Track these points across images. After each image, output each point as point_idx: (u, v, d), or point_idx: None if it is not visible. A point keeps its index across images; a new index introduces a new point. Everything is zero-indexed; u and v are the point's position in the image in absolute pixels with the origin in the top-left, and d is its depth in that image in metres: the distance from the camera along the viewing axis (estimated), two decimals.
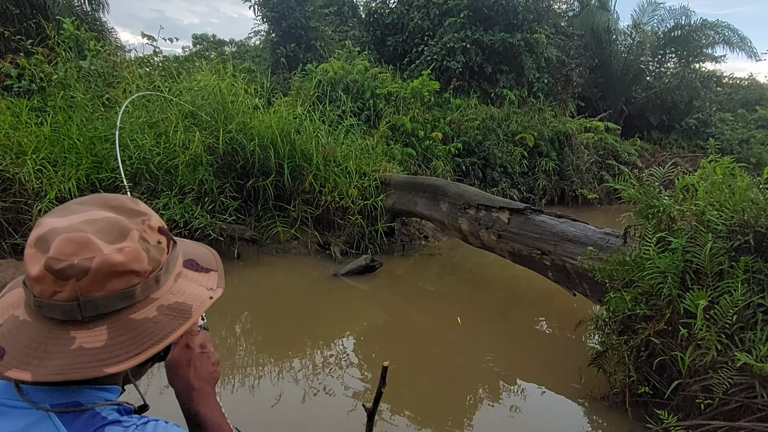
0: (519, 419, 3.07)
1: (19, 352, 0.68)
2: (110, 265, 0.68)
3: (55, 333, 0.68)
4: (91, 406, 0.71)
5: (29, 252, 0.69)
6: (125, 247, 0.69)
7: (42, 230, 0.69)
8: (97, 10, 10.16)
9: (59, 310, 0.68)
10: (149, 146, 5.66)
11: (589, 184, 11.05)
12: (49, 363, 0.66)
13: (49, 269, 0.66)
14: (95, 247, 0.67)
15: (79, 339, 0.68)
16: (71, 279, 0.66)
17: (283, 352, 3.73)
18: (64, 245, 0.66)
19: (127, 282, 0.70)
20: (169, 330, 0.72)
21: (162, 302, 0.74)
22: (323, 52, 12.09)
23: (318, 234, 6.30)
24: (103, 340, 0.68)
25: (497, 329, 4.45)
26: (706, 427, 2.35)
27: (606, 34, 14.30)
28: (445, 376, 3.55)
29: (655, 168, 3.33)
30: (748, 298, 2.46)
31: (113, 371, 0.67)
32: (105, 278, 0.68)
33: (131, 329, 0.70)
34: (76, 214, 0.71)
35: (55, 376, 0.66)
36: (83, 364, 0.66)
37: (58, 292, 0.67)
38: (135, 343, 0.69)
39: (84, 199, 0.76)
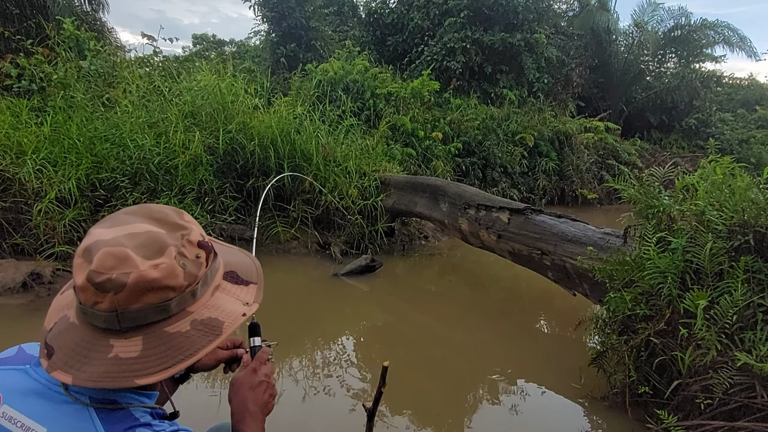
0: (519, 419, 3.07)
1: (65, 354, 0.73)
2: (146, 281, 0.71)
3: (96, 339, 0.73)
4: (126, 406, 0.75)
5: (77, 261, 0.73)
6: (161, 264, 0.73)
7: (89, 241, 0.74)
8: (97, 10, 10.16)
9: (100, 319, 0.72)
10: (149, 146, 5.66)
11: (589, 184, 11.06)
12: (88, 368, 0.71)
13: (90, 281, 0.71)
14: (132, 263, 0.71)
15: (116, 348, 0.72)
16: (110, 292, 0.70)
17: (283, 352, 3.73)
18: (104, 259, 0.71)
19: (163, 296, 0.74)
20: (199, 346, 0.76)
21: (196, 317, 0.77)
22: (323, 52, 12.10)
23: (318, 234, 6.30)
24: (137, 351, 0.72)
25: (497, 329, 4.45)
26: (706, 427, 2.35)
27: (606, 34, 14.30)
28: (445, 376, 3.55)
29: (655, 168, 3.33)
30: (748, 298, 2.46)
31: (144, 383, 0.71)
32: (141, 293, 0.71)
33: (164, 342, 0.74)
34: (121, 226, 0.75)
35: (91, 383, 0.71)
36: (117, 374, 0.71)
37: (98, 302, 0.72)
38: (166, 356, 0.73)
39: (133, 209, 0.81)
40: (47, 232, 4.96)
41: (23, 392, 0.77)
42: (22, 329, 3.88)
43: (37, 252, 4.94)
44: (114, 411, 0.74)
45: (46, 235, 4.95)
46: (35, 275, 4.50)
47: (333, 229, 6.52)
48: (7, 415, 0.76)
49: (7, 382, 0.79)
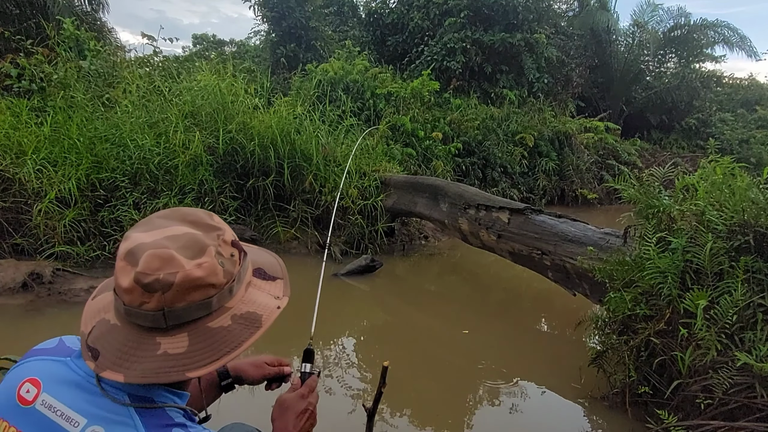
0: (519, 419, 3.07)
1: (112, 354, 0.75)
2: (191, 279, 0.75)
3: (142, 339, 0.76)
4: (162, 405, 0.78)
5: (120, 265, 0.76)
6: (204, 263, 0.77)
7: (131, 244, 0.76)
8: (97, 10, 10.16)
9: (146, 319, 0.75)
10: (149, 146, 5.66)
11: (589, 184, 11.06)
12: (138, 366, 0.74)
13: (138, 282, 0.73)
14: (178, 263, 0.74)
15: (164, 345, 0.75)
16: (157, 292, 0.73)
17: (283, 352, 3.73)
18: (150, 261, 0.74)
19: (205, 293, 0.77)
20: (242, 339, 0.80)
21: (235, 311, 0.81)
22: (323, 52, 12.10)
23: (318, 234, 6.30)
24: (184, 346, 0.76)
25: (497, 329, 4.45)
26: (706, 427, 2.35)
27: (606, 34, 14.30)
28: (445, 375, 3.55)
29: (655, 168, 3.33)
30: (748, 298, 2.46)
31: (195, 375, 0.75)
32: (186, 291, 0.75)
33: (208, 337, 0.77)
34: (159, 229, 0.79)
35: (144, 379, 0.73)
36: (169, 368, 0.74)
37: (145, 302, 0.74)
38: (213, 350, 0.77)
39: (165, 212, 0.84)
40: (47, 232, 4.96)
41: (63, 382, 0.79)
42: (22, 329, 3.88)
43: (37, 252, 4.94)
44: (151, 410, 0.76)
45: (46, 235, 4.95)
46: (35, 275, 4.50)
47: (333, 229, 6.52)
48: (46, 404, 0.78)
49: (47, 371, 0.81)
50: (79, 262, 4.97)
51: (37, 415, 0.77)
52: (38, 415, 0.77)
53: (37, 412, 0.77)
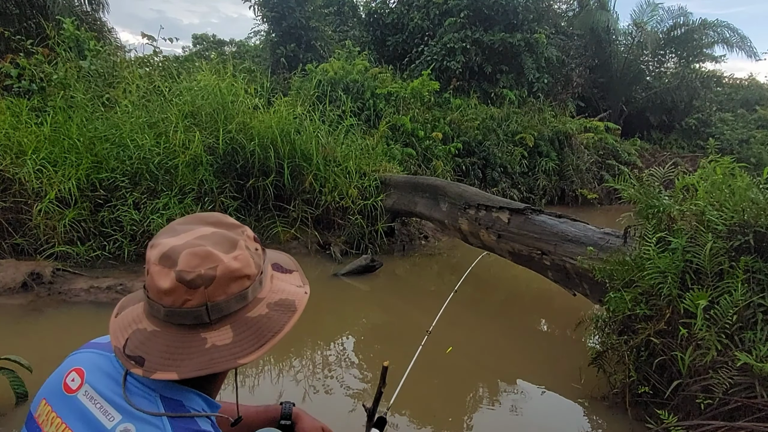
0: (519, 419, 3.07)
1: (158, 357, 0.77)
2: (230, 271, 0.78)
3: (187, 337, 0.78)
4: (192, 414, 0.80)
5: (155, 269, 0.78)
6: (239, 255, 0.80)
7: (163, 249, 0.78)
8: (97, 10, 10.16)
9: (190, 316, 0.77)
10: (149, 146, 5.66)
11: (589, 184, 11.06)
12: (189, 363, 0.76)
13: (181, 281, 0.76)
14: (216, 258, 0.78)
15: (210, 339, 0.78)
16: (200, 287, 0.76)
17: (283, 352, 3.73)
18: (190, 259, 0.76)
19: (242, 285, 0.81)
20: (282, 323, 0.84)
21: (268, 300, 0.85)
22: (323, 52, 12.10)
23: (318, 234, 6.30)
24: (230, 337, 0.79)
25: (497, 329, 4.45)
26: (706, 427, 2.35)
27: (605, 34, 14.29)
28: (445, 375, 3.55)
29: (655, 168, 3.33)
30: (748, 298, 2.46)
31: (245, 362, 0.78)
32: (226, 283, 0.78)
33: (250, 326, 0.81)
34: (186, 233, 0.81)
35: (197, 372, 0.76)
36: (220, 358, 0.77)
37: (188, 300, 0.77)
38: (257, 337, 0.81)
39: (183, 219, 0.87)
40: (47, 232, 4.96)
41: (106, 376, 0.82)
42: (22, 329, 3.88)
43: (37, 252, 4.94)
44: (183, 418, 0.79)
45: (46, 235, 4.95)
46: (35, 275, 4.50)
47: (333, 229, 6.52)
48: (88, 394, 0.81)
49: (94, 363, 0.85)
50: (79, 262, 4.97)
51: (78, 404, 0.81)
52: (79, 404, 0.81)
53: (79, 402, 0.81)
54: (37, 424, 0.84)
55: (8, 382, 2.78)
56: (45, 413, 0.83)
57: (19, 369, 2.82)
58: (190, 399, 0.82)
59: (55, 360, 0.93)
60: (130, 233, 5.22)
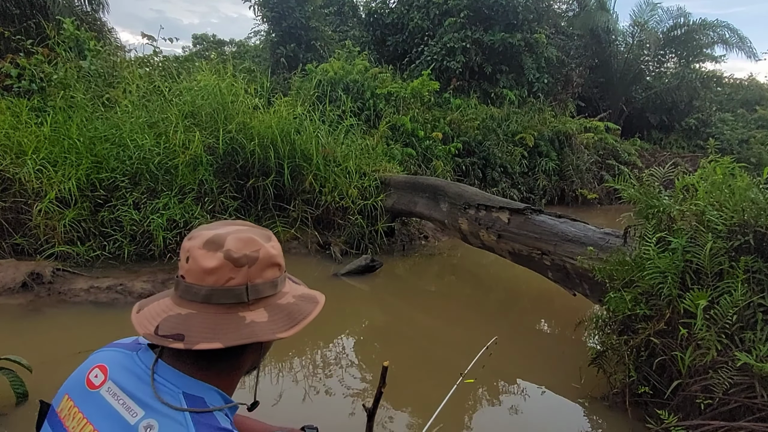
0: (519, 419, 3.07)
1: (201, 331, 0.81)
2: (270, 256, 0.88)
3: (226, 316, 0.83)
4: (212, 409, 0.83)
5: (200, 253, 0.83)
6: (274, 245, 0.91)
7: (207, 236, 0.85)
8: (97, 10, 10.15)
9: (230, 294, 0.84)
10: (149, 146, 5.65)
11: (589, 184, 11.06)
12: (233, 334, 0.82)
13: (228, 258, 0.83)
14: (258, 243, 0.87)
15: (249, 317, 0.85)
16: (245, 266, 0.84)
17: (284, 352, 3.73)
18: (236, 242, 0.85)
19: (276, 274, 0.90)
20: (309, 310, 0.92)
21: (293, 293, 0.94)
22: (323, 52, 12.09)
23: (318, 234, 6.30)
24: (265, 317, 0.86)
25: (497, 329, 4.45)
26: (706, 427, 2.35)
27: (605, 34, 14.30)
28: (445, 376, 3.54)
29: (655, 168, 3.33)
30: (748, 298, 2.46)
31: (283, 336, 0.86)
32: (265, 267, 0.87)
33: (282, 310, 0.89)
34: (224, 227, 0.89)
35: (243, 340, 0.81)
36: (260, 331, 0.83)
37: (232, 278, 0.83)
38: (290, 318, 0.88)
39: (208, 225, 0.92)
40: (47, 232, 4.96)
41: (130, 373, 0.85)
42: (22, 329, 3.88)
43: (37, 252, 4.94)
44: (203, 413, 0.81)
45: (46, 235, 4.95)
46: (35, 275, 4.49)
47: (333, 229, 6.52)
48: (111, 391, 0.84)
49: (116, 361, 0.88)
50: (79, 262, 4.97)
51: (101, 399, 0.83)
52: (102, 400, 0.83)
53: (101, 398, 0.83)
54: (59, 418, 0.85)
55: (8, 382, 2.78)
56: (67, 408, 0.85)
57: (19, 369, 2.82)
58: (212, 396, 0.85)
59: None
60: (130, 233, 5.22)
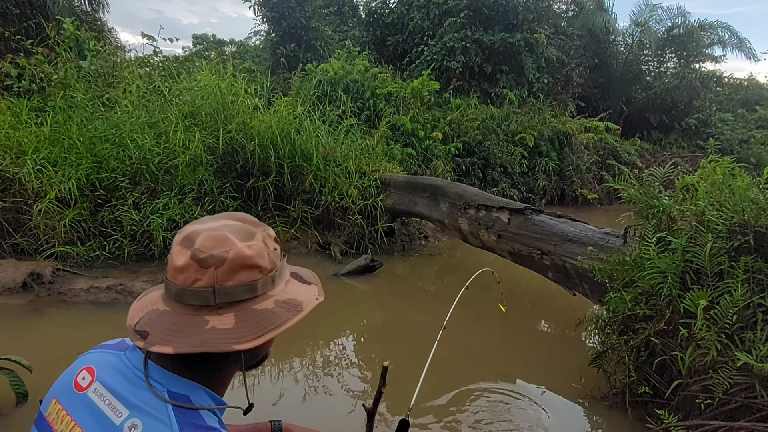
0: (519, 419, 3.07)
1: (161, 333, 0.80)
2: (242, 257, 0.81)
3: (191, 317, 0.81)
4: (198, 407, 0.81)
5: (176, 249, 0.82)
6: (253, 245, 0.84)
7: (186, 232, 0.84)
8: (97, 10, 10.17)
9: (197, 296, 0.80)
10: (149, 146, 5.66)
11: (589, 184, 11.06)
12: (187, 339, 0.78)
13: (194, 258, 0.80)
14: (231, 242, 0.81)
15: (212, 322, 0.80)
16: (211, 267, 0.80)
17: (283, 352, 3.73)
18: (206, 240, 0.81)
19: (252, 276, 0.83)
20: (285, 319, 0.85)
21: (277, 298, 0.87)
22: (323, 52, 12.10)
23: (318, 234, 6.30)
24: (231, 324, 0.81)
25: (497, 329, 4.45)
26: (706, 427, 2.35)
27: (604, 35, 14.29)
28: (445, 376, 3.54)
29: (655, 168, 3.33)
30: (748, 298, 2.46)
31: (240, 348, 0.79)
32: (237, 269, 0.81)
33: (254, 317, 0.83)
34: (211, 222, 0.86)
35: (193, 349, 0.77)
36: (217, 340, 0.78)
37: (198, 279, 0.80)
38: (257, 327, 0.82)
39: (214, 216, 0.92)
40: (47, 232, 4.96)
41: (117, 373, 0.85)
42: (22, 329, 3.88)
43: (37, 252, 4.94)
44: (186, 410, 0.80)
45: (46, 235, 4.95)
46: (35, 275, 4.50)
47: (333, 229, 6.52)
48: (98, 392, 0.83)
49: (103, 362, 0.88)
50: (79, 262, 4.97)
51: (88, 401, 0.83)
52: (89, 401, 0.83)
53: (89, 399, 0.83)
54: (48, 422, 0.85)
55: (8, 382, 2.78)
56: (55, 411, 0.85)
57: (19, 369, 2.82)
58: (199, 395, 0.83)
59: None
60: (130, 233, 5.22)
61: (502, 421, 3.05)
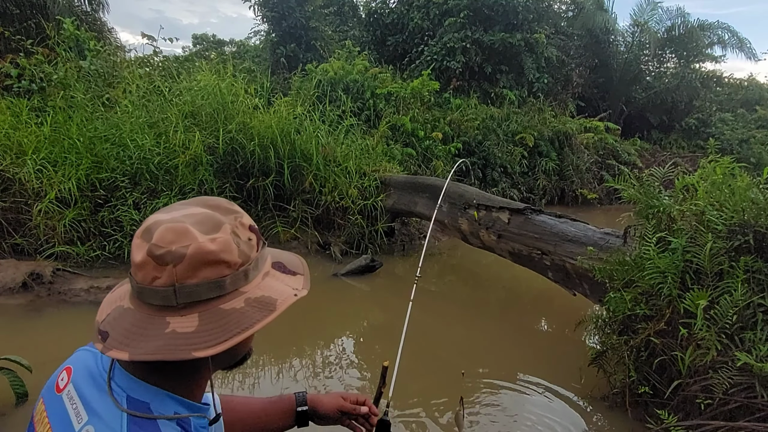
0: (519, 419, 3.07)
1: (120, 335, 0.73)
2: (204, 252, 0.72)
3: (152, 318, 0.73)
4: (156, 417, 0.75)
5: (136, 242, 0.75)
6: (218, 238, 0.74)
7: (148, 223, 0.75)
8: (97, 10, 10.17)
9: (157, 296, 0.73)
10: (149, 146, 5.66)
11: (589, 184, 11.05)
12: (144, 344, 0.71)
13: (150, 255, 0.72)
14: (192, 236, 0.73)
15: (173, 324, 0.72)
16: (169, 265, 0.71)
17: (284, 352, 3.73)
18: (165, 234, 0.72)
19: (219, 272, 0.74)
20: (254, 320, 0.76)
21: (249, 295, 0.78)
22: (323, 52, 12.09)
23: (318, 234, 6.30)
24: (194, 326, 0.73)
25: (497, 329, 4.45)
26: (706, 427, 2.35)
27: (604, 35, 14.29)
28: (445, 375, 3.55)
29: (655, 168, 3.33)
30: (748, 298, 2.46)
31: (201, 355, 0.71)
32: (199, 265, 0.73)
33: (219, 318, 0.74)
34: (177, 210, 0.78)
35: (148, 356, 0.70)
36: (175, 347, 0.71)
37: (157, 277, 0.72)
38: (222, 331, 0.73)
39: (187, 201, 0.83)
40: (47, 232, 4.96)
41: (86, 375, 0.81)
42: (22, 329, 3.88)
43: (37, 252, 4.94)
44: (144, 419, 0.74)
45: (46, 235, 4.95)
46: (35, 275, 4.50)
47: (333, 229, 6.52)
48: (69, 394, 0.80)
49: (82, 362, 0.84)
50: (79, 262, 4.97)
51: (61, 404, 0.79)
52: (62, 404, 0.79)
53: (62, 402, 0.80)
54: (33, 423, 0.83)
55: (8, 382, 2.78)
56: (39, 413, 0.82)
57: (19, 369, 2.82)
58: (162, 403, 0.77)
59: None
60: (130, 233, 5.22)
61: (502, 421, 3.05)
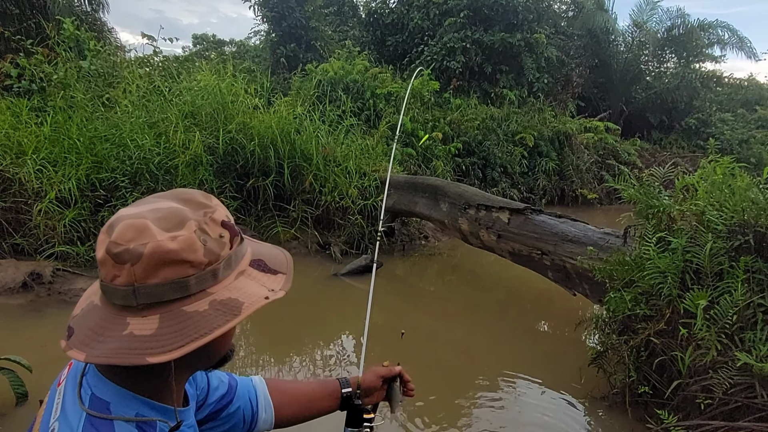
0: (519, 419, 3.07)
1: (83, 334, 0.71)
2: (162, 252, 0.68)
3: (113, 318, 0.70)
4: (114, 418, 0.72)
5: (100, 238, 0.71)
6: (179, 236, 0.69)
7: (113, 218, 0.72)
8: (97, 10, 10.17)
9: (118, 295, 0.70)
10: (149, 146, 5.66)
11: (589, 184, 11.05)
12: (102, 346, 0.68)
13: (108, 253, 0.68)
14: (150, 234, 0.68)
15: (131, 326, 0.69)
16: (127, 263, 0.68)
17: (284, 352, 3.73)
18: (124, 231, 0.68)
19: (181, 272, 0.70)
20: (215, 325, 0.71)
21: (216, 297, 0.73)
22: (323, 52, 12.08)
23: (318, 234, 6.30)
24: (153, 328, 0.69)
25: (497, 329, 4.45)
26: (706, 427, 2.35)
27: (604, 35, 14.29)
28: (445, 375, 3.55)
29: (655, 168, 3.33)
30: (748, 298, 2.46)
31: (155, 361, 0.67)
32: (158, 265, 0.68)
33: (180, 321, 0.70)
34: (146, 204, 0.74)
35: (103, 359, 0.68)
36: (130, 351, 0.67)
37: (117, 276, 0.69)
38: (182, 335, 0.69)
39: (161, 193, 0.78)
40: (47, 232, 4.96)
41: (74, 371, 0.81)
42: (22, 329, 3.88)
43: (37, 252, 4.94)
44: (100, 419, 0.71)
45: (46, 235, 4.95)
46: (35, 275, 4.50)
47: (333, 229, 6.52)
48: (60, 389, 0.79)
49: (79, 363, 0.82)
50: (79, 262, 4.97)
51: (53, 397, 0.80)
52: (53, 398, 0.80)
53: (54, 396, 0.81)
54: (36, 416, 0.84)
55: (8, 382, 2.78)
56: (43, 404, 0.84)
57: (19, 369, 2.82)
58: (123, 403, 0.74)
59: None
60: None
61: (502, 421, 3.05)
